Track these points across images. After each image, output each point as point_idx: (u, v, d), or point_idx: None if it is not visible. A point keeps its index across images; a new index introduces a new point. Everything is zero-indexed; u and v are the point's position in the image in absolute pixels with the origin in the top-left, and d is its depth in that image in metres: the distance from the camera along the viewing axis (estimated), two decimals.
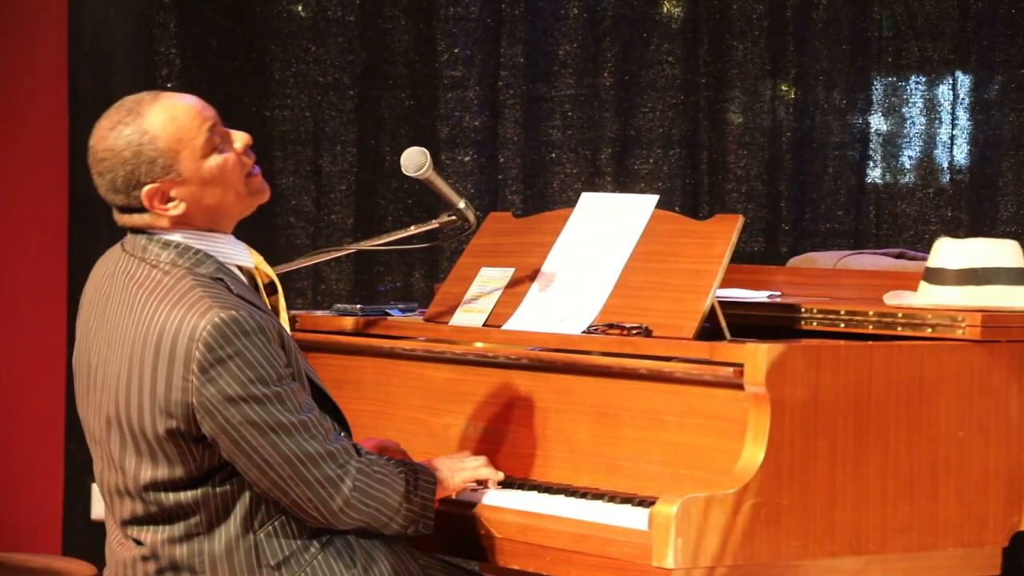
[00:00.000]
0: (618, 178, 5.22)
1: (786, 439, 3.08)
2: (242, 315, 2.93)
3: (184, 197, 3.01)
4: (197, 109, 3.03)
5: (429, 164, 3.58)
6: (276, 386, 2.94)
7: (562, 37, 5.27)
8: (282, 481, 2.96)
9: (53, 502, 5.41)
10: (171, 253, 3.02)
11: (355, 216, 5.42)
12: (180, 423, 2.94)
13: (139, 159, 2.99)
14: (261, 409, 2.93)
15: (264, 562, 3.01)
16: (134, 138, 2.99)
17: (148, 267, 3.02)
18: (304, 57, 5.42)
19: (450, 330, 3.62)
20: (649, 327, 3.32)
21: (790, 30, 5.07)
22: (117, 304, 3.03)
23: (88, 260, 5.40)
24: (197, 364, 2.91)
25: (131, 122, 3.00)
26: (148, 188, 3.00)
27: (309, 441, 2.96)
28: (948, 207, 4.87)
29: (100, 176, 3.04)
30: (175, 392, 2.92)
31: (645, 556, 3.01)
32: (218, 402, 2.91)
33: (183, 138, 3.00)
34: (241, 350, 2.92)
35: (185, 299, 2.95)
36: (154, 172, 2.99)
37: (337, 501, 2.99)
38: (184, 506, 2.99)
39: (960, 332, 3.24)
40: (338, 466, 2.99)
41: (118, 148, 3.00)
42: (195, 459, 2.97)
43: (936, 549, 3.22)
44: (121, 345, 3.00)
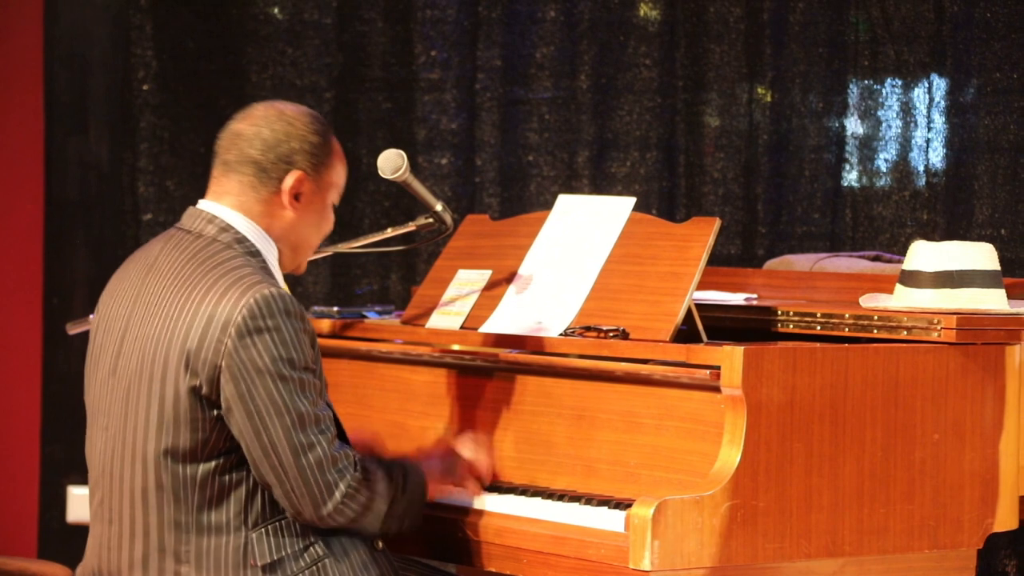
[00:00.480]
0: (595, 181, 5.22)
1: (762, 441, 3.08)
2: (291, 297, 3.01)
3: (301, 206, 3.12)
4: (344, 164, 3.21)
5: (406, 166, 3.58)
6: (302, 373, 3.00)
7: (539, 40, 5.27)
8: (281, 468, 2.99)
9: (29, 505, 5.39)
10: (228, 236, 3.09)
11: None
12: (204, 383, 2.98)
13: (314, 151, 3.11)
14: (284, 388, 2.97)
15: (251, 562, 3.02)
16: (323, 139, 3.14)
17: (203, 242, 3.08)
18: (281, 60, 5.41)
19: (427, 332, 3.62)
20: (626, 329, 3.32)
21: (767, 33, 5.08)
22: (163, 274, 3.08)
23: (64, 262, 5.44)
24: (236, 328, 2.96)
25: (327, 132, 3.15)
26: (301, 173, 3.10)
27: (318, 437, 3.00)
28: (924, 210, 4.89)
29: (266, 126, 3.11)
30: (206, 351, 2.97)
31: (622, 558, 3.01)
32: (245, 369, 2.96)
33: (339, 182, 3.18)
34: (280, 326, 2.97)
35: (237, 272, 3.03)
36: (310, 164, 3.10)
37: (328, 506, 3.02)
38: (180, 485, 3.01)
39: (936, 335, 3.25)
40: (337, 472, 3.02)
41: (312, 129, 3.12)
42: (204, 430, 2.99)
43: (912, 551, 3.23)
44: (161, 309, 3.04)
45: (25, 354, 5.39)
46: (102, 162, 5.44)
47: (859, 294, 3.54)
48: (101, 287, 3.27)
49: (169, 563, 3.02)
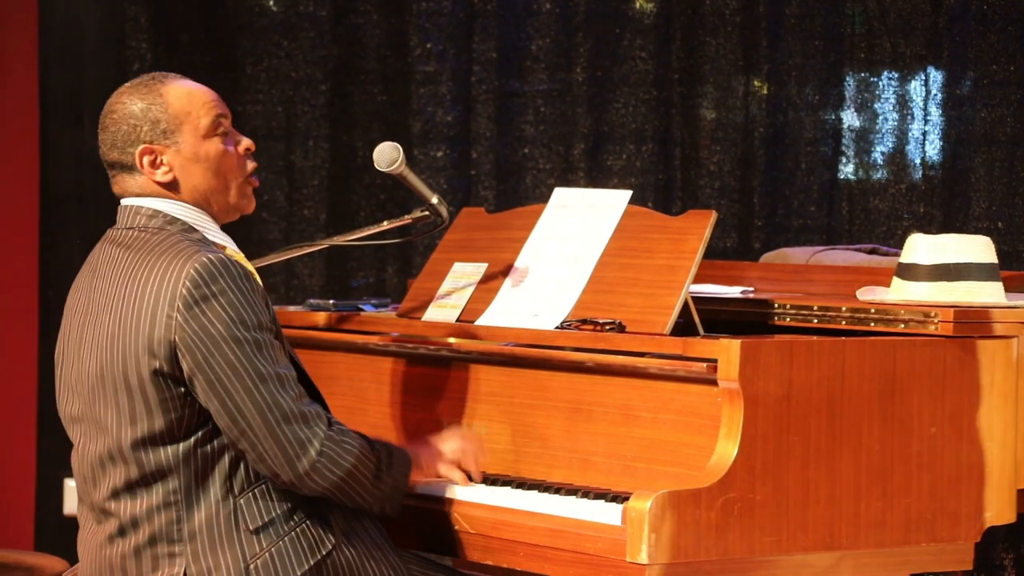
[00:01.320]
0: (591, 174, 5.22)
1: (759, 434, 3.08)
2: (231, 261, 3.02)
3: (174, 166, 3.13)
4: (213, 96, 3.17)
5: (402, 159, 3.57)
6: (257, 333, 3.00)
7: (535, 32, 5.26)
8: (251, 431, 2.99)
9: (25, 497, 5.39)
10: (159, 221, 3.12)
11: (327, 211, 5.41)
12: (163, 363, 2.99)
13: (144, 117, 3.11)
14: (240, 351, 2.98)
15: (243, 526, 3.03)
16: (147, 99, 3.13)
17: (136, 232, 3.12)
18: (276, 52, 5.40)
19: (423, 325, 3.61)
20: (622, 323, 3.32)
21: (763, 25, 5.08)
22: (105, 273, 3.12)
23: (59, 255, 5.43)
24: (182, 300, 2.98)
25: (151, 87, 3.14)
26: (143, 146, 3.11)
27: (283, 395, 3.01)
28: (920, 203, 4.88)
29: (104, 130, 3.16)
30: (159, 329, 2.98)
31: (619, 551, 3.01)
32: (199, 339, 2.97)
33: (191, 112, 3.13)
34: (226, 290, 2.99)
35: (174, 248, 3.05)
36: (154, 133, 3.12)
37: (303, 463, 3.01)
38: (164, 468, 3.02)
39: (932, 328, 3.25)
40: (308, 428, 3.02)
41: (129, 104, 3.13)
42: (175, 409, 3.01)
43: (909, 544, 3.22)
44: (111, 304, 3.07)
45: (21, 346, 5.39)
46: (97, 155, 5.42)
47: (856, 287, 3.54)
48: None
49: (162, 547, 3.03)
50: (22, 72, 5.39)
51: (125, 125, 3.12)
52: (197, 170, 3.13)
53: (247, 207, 3.21)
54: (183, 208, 3.13)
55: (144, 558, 3.04)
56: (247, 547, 3.02)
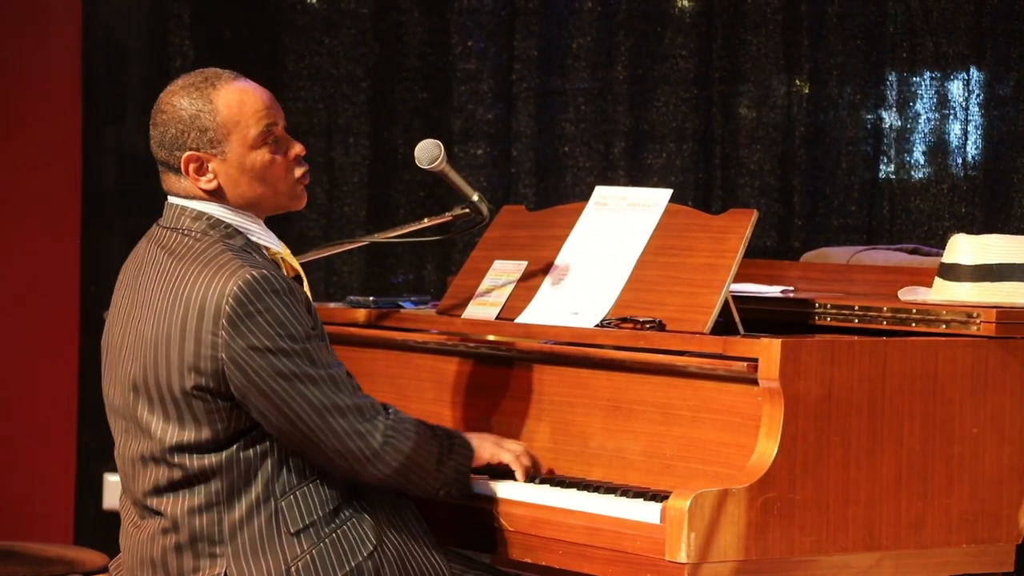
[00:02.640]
0: (631, 172, 5.21)
1: (800, 434, 3.07)
2: (272, 274, 3.02)
3: (220, 175, 3.12)
4: (265, 102, 3.14)
5: (443, 157, 3.58)
6: (304, 342, 3.02)
7: (576, 30, 5.26)
8: (312, 432, 3.02)
9: (66, 492, 5.42)
10: (203, 224, 3.12)
11: (368, 208, 5.43)
12: (209, 380, 3.00)
13: (193, 124, 3.10)
14: (289, 361, 3.00)
15: (284, 529, 3.04)
16: (197, 104, 3.11)
17: (180, 235, 3.12)
18: (317, 49, 5.42)
19: (463, 323, 3.62)
20: (663, 321, 3.31)
21: (804, 24, 5.06)
22: (149, 275, 3.12)
23: (101, 249, 5.45)
24: (227, 318, 2.98)
25: (203, 89, 3.12)
26: (189, 153, 3.11)
27: (337, 393, 3.03)
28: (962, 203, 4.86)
29: (154, 127, 3.15)
30: (204, 347, 2.99)
31: (658, 550, 3.01)
32: (247, 355, 2.98)
33: (241, 121, 3.12)
34: (270, 306, 2.99)
35: (216, 261, 3.04)
36: (201, 141, 3.11)
37: (367, 453, 3.05)
38: (207, 471, 3.04)
39: (975, 328, 3.24)
40: (367, 419, 3.05)
41: (180, 107, 3.11)
42: (221, 420, 3.02)
43: (949, 545, 3.21)
44: (152, 311, 3.07)
45: (62, 342, 5.42)
46: (139, 151, 5.43)
47: (897, 287, 3.53)
48: None
49: (203, 546, 3.04)
50: (66, 68, 5.42)
51: (173, 128, 3.11)
52: (243, 179, 3.13)
53: (296, 206, 3.21)
54: (227, 211, 3.13)
55: (185, 556, 3.05)
56: (288, 549, 3.04)
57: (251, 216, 3.16)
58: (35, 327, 5.43)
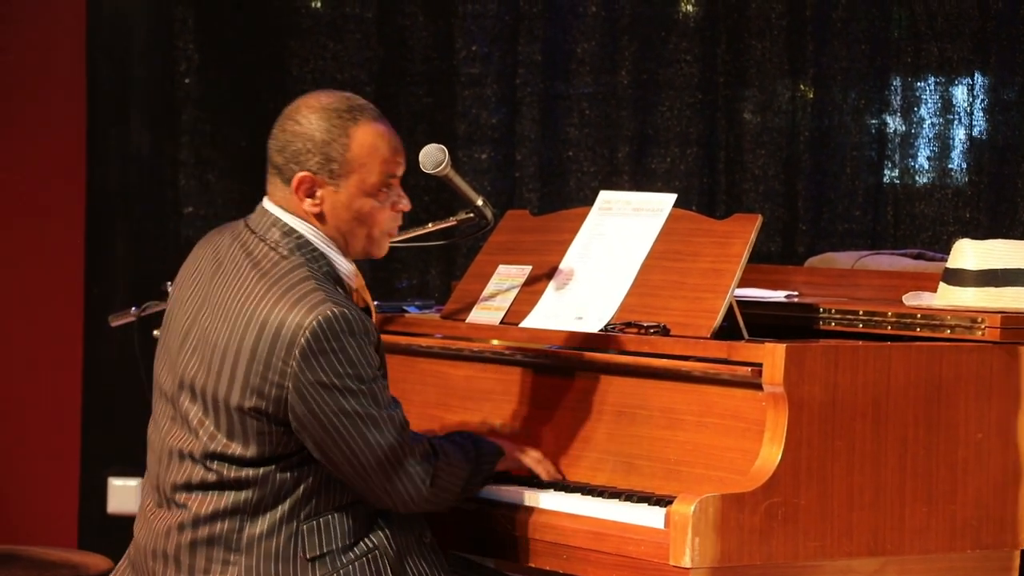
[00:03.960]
0: (635, 177, 5.21)
1: (804, 439, 3.07)
2: (352, 315, 3.02)
3: (326, 204, 3.10)
4: (395, 151, 3.15)
5: (448, 161, 3.58)
6: (371, 383, 3.03)
7: (580, 35, 5.26)
8: (365, 471, 3.03)
9: (70, 496, 5.42)
10: (291, 242, 3.10)
11: None
12: (269, 404, 3.01)
13: (322, 150, 3.08)
14: (354, 400, 3.01)
15: (300, 553, 3.05)
16: (335, 133, 3.09)
17: (267, 247, 3.10)
18: (322, 53, 5.42)
19: (467, 327, 3.62)
20: (667, 326, 3.31)
21: (809, 29, 5.07)
22: (227, 277, 3.10)
23: (105, 252, 5.45)
24: (300, 351, 2.98)
25: (346, 118, 3.09)
26: (304, 174, 3.09)
27: (395, 434, 3.05)
28: (966, 208, 4.87)
29: (282, 131, 3.11)
30: (272, 373, 2.99)
31: (662, 555, 3.01)
32: (314, 388, 2.98)
33: (367, 164, 3.11)
34: (345, 347, 3.00)
35: (299, 288, 3.03)
36: (322, 168, 3.09)
37: (414, 496, 3.09)
38: (242, 482, 3.04)
39: (979, 333, 3.23)
40: (419, 464, 3.09)
41: (316, 127, 3.09)
42: (269, 442, 3.04)
43: (954, 551, 3.21)
44: (225, 318, 3.06)
45: (66, 345, 5.42)
46: (143, 154, 5.46)
47: (902, 292, 3.53)
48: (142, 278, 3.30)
49: (219, 551, 3.04)
50: (70, 71, 5.42)
51: (300, 143, 3.08)
52: (345, 215, 3.11)
53: (377, 254, 3.22)
54: (318, 235, 3.11)
55: (199, 555, 3.05)
56: (301, 574, 3.03)
57: (336, 247, 3.14)
58: (39, 330, 5.43)
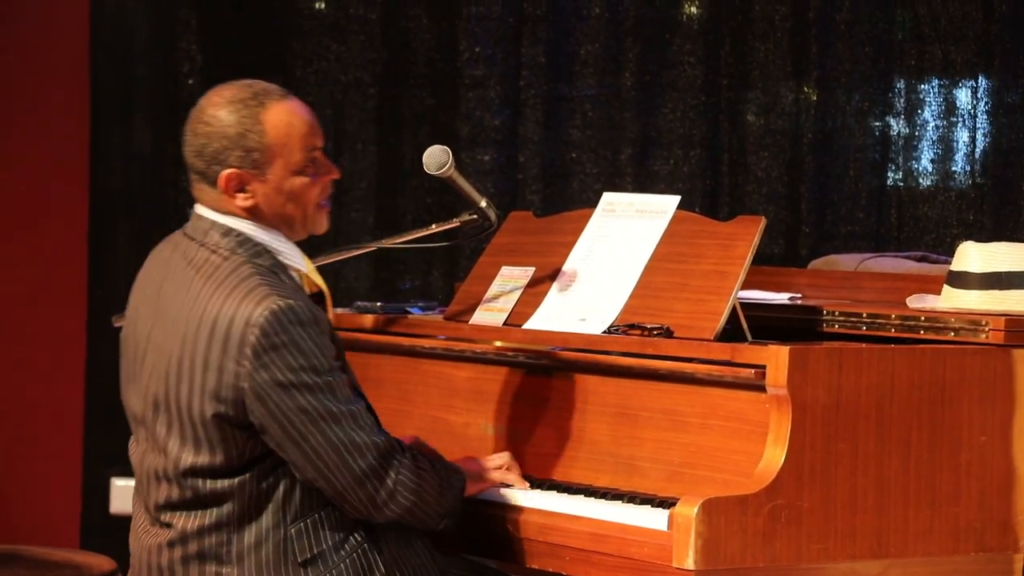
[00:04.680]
0: (638, 179, 5.21)
1: (807, 441, 3.07)
2: (299, 305, 2.98)
3: (258, 195, 3.06)
4: (311, 127, 3.10)
5: (452, 163, 3.57)
6: (327, 376, 2.98)
7: (584, 37, 5.26)
8: (328, 471, 2.99)
9: (72, 496, 5.42)
10: (231, 241, 3.06)
11: (375, 214, 5.43)
12: (229, 408, 2.97)
13: (239, 142, 3.03)
14: (312, 397, 2.97)
15: (291, 558, 3.02)
16: (247, 122, 3.04)
17: (208, 251, 3.06)
18: (325, 55, 5.42)
19: (470, 329, 3.61)
20: (670, 328, 3.31)
21: (812, 31, 5.07)
22: (173, 287, 3.07)
23: (108, 253, 5.45)
24: (251, 349, 2.94)
25: (252, 105, 3.05)
26: (229, 171, 3.04)
27: (357, 431, 3.00)
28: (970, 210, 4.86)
29: (194, 135, 3.06)
30: (227, 376, 2.96)
31: (665, 557, 3.01)
32: (270, 388, 2.95)
33: (287, 145, 3.06)
34: (296, 339, 2.96)
35: (243, 285, 2.99)
36: (244, 161, 3.04)
37: (381, 494, 3.03)
38: (219, 494, 3.02)
39: (983, 336, 3.23)
40: (383, 459, 3.03)
41: (226, 122, 3.04)
42: (237, 447, 3.00)
43: (958, 553, 3.21)
44: (175, 327, 3.03)
45: (69, 345, 5.42)
46: (146, 154, 5.47)
47: (905, 295, 3.53)
48: None
49: (210, 566, 3.03)
50: (73, 72, 5.43)
51: (216, 143, 3.03)
52: (279, 200, 3.08)
53: (318, 231, 3.16)
54: (256, 228, 3.08)
55: (192, 569, 3.04)
56: None
57: (280, 235, 3.11)
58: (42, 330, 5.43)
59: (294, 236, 3.14)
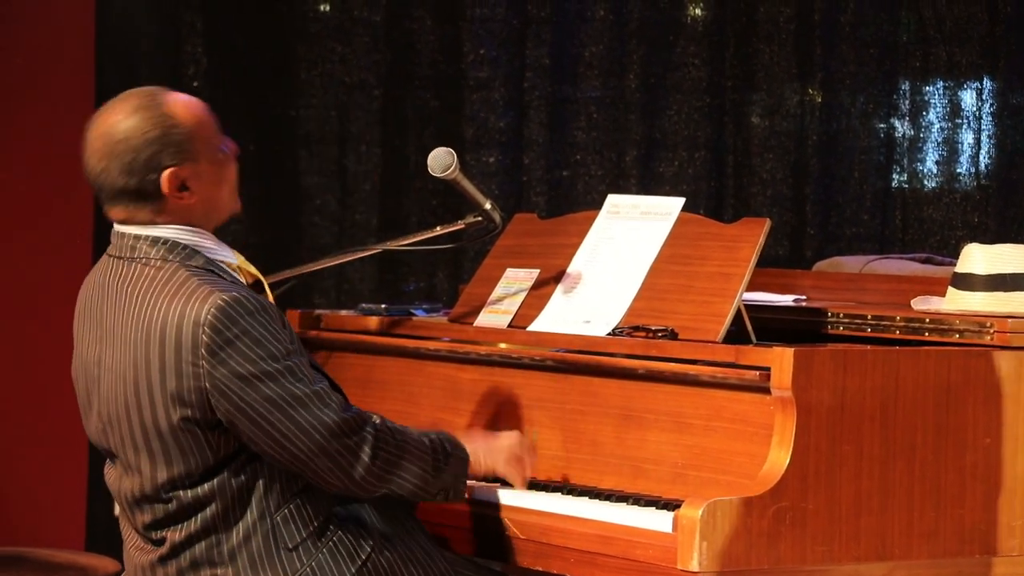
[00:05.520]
0: (643, 180, 5.21)
1: (812, 443, 3.07)
2: (243, 295, 2.96)
3: (197, 188, 3.04)
4: (206, 108, 3.09)
5: (456, 165, 3.58)
6: (286, 360, 2.97)
7: (588, 39, 5.27)
8: (302, 454, 2.98)
9: (77, 498, 5.42)
10: (160, 249, 3.03)
11: (379, 216, 5.43)
12: (195, 410, 2.96)
13: (166, 140, 3.00)
14: (275, 384, 2.95)
15: (282, 545, 3.03)
16: (160, 120, 3.01)
17: (140, 265, 3.03)
18: (330, 57, 5.42)
19: (475, 331, 3.61)
20: (675, 330, 3.31)
21: (817, 33, 5.07)
22: (113, 309, 3.05)
23: None
24: (206, 347, 2.93)
25: (153, 107, 3.03)
26: (170, 171, 3.01)
27: (324, 411, 2.99)
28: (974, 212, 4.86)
29: (112, 158, 3.01)
30: (187, 379, 2.94)
31: (670, 559, 3.00)
32: (231, 382, 2.94)
33: (202, 127, 3.05)
34: (247, 329, 2.94)
35: (183, 288, 2.97)
36: (178, 156, 3.02)
37: (358, 470, 3.01)
38: (201, 499, 3.01)
39: (988, 338, 3.23)
40: (355, 434, 3.01)
41: (144, 128, 3.01)
42: (210, 447, 2.99)
43: (962, 555, 3.20)
44: (123, 346, 3.01)
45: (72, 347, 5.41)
46: None
47: (910, 296, 3.52)
48: None
49: (204, 571, 3.03)
50: (78, 74, 5.43)
51: (145, 152, 2.99)
52: (218, 183, 3.07)
53: (237, 206, 3.14)
54: (182, 232, 3.04)
55: None
56: (287, 565, 3.02)
57: (202, 232, 3.06)
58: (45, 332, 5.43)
59: (218, 223, 3.10)
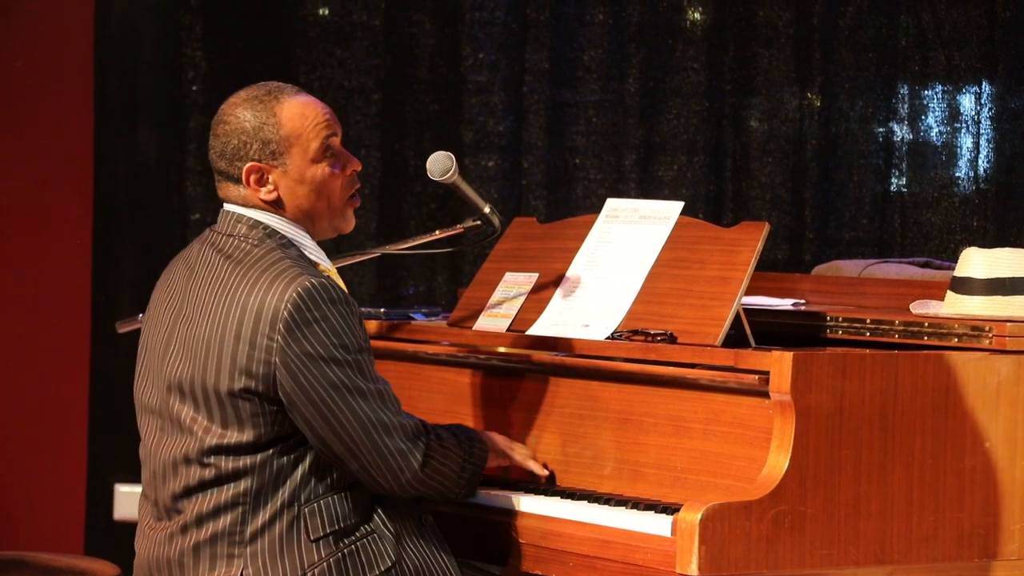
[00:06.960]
0: (642, 184, 5.21)
1: (811, 447, 3.07)
2: (331, 284, 3.06)
3: (280, 186, 3.16)
4: (326, 117, 3.20)
5: (455, 169, 3.58)
6: (357, 354, 3.06)
7: (587, 43, 5.27)
8: (355, 446, 3.05)
9: (76, 502, 5.42)
10: (260, 232, 3.15)
11: (378, 220, 5.43)
12: (259, 383, 3.03)
13: (256, 135, 3.14)
14: (341, 372, 3.03)
15: (304, 535, 3.07)
16: (262, 116, 3.15)
17: (237, 241, 3.15)
18: (329, 61, 5.43)
19: (474, 335, 3.62)
20: (674, 333, 3.31)
21: (816, 37, 5.07)
22: (202, 277, 3.15)
23: (112, 260, 5.46)
24: (284, 324, 3.01)
25: (267, 101, 3.17)
26: (251, 164, 3.15)
27: (384, 410, 3.07)
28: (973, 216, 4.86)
29: (216, 138, 3.18)
30: (259, 351, 3.02)
31: (668, 563, 3.01)
32: (300, 361, 3.01)
33: (302, 135, 3.17)
34: (328, 315, 3.03)
35: (275, 267, 3.08)
36: (263, 153, 3.15)
37: (407, 474, 3.09)
38: (240, 471, 3.06)
39: (987, 342, 3.23)
40: (410, 440, 3.10)
41: (244, 118, 3.15)
42: (265, 423, 3.05)
43: (961, 560, 3.21)
44: (207, 313, 3.10)
45: (73, 352, 5.42)
46: (150, 161, 5.47)
47: (909, 300, 3.53)
48: (149, 285, 3.30)
49: (223, 547, 3.06)
50: (78, 79, 5.43)
51: (236, 139, 3.15)
52: (302, 191, 3.17)
53: (346, 228, 3.25)
54: (283, 222, 3.17)
55: (203, 556, 3.06)
56: (306, 555, 3.05)
57: (305, 230, 3.19)
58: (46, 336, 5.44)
59: (320, 233, 3.22)
